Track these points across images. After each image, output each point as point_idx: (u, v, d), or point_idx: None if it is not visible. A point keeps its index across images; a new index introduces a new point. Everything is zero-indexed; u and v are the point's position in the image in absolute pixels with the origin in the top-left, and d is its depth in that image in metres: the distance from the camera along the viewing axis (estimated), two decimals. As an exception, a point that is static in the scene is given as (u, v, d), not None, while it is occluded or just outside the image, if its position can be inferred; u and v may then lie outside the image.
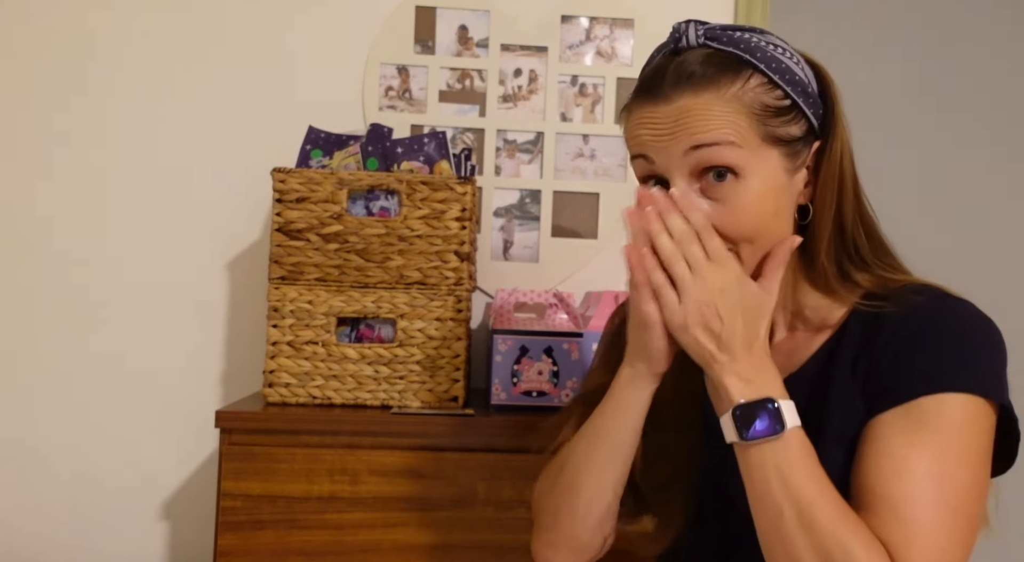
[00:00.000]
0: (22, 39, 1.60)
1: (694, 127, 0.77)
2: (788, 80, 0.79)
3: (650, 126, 0.79)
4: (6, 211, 1.60)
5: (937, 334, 0.76)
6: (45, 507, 1.59)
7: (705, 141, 0.77)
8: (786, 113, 0.79)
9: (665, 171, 0.80)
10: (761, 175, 0.78)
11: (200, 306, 1.61)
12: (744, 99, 0.78)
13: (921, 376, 0.75)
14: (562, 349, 1.32)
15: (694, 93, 0.77)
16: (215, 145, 1.62)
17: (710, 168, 0.78)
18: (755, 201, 0.78)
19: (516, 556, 1.22)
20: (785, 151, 0.79)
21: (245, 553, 1.19)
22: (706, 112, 0.77)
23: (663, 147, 0.79)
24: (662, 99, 0.79)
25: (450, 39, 1.64)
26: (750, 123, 0.77)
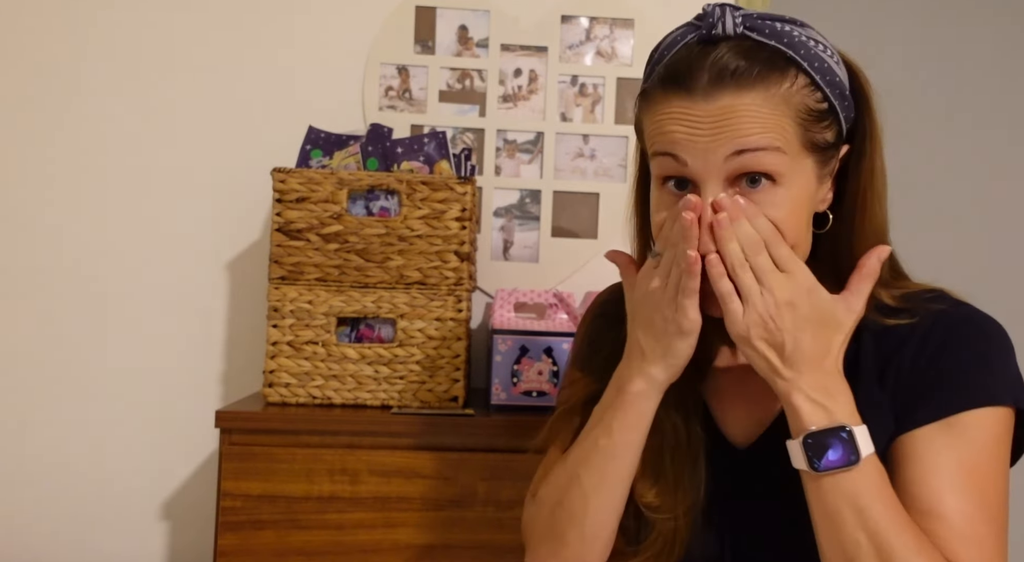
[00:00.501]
0: (22, 39, 1.60)
1: (739, 129, 0.70)
2: (829, 81, 0.73)
3: (686, 124, 0.71)
4: (5, 211, 1.60)
5: (966, 346, 0.75)
6: (45, 507, 1.59)
7: (751, 146, 0.70)
8: (825, 118, 0.74)
9: (699, 174, 0.72)
10: (798, 183, 0.73)
11: (200, 306, 1.61)
12: (792, 101, 0.71)
13: (958, 390, 0.73)
14: (562, 349, 1.32)
15: (738, 91, 0.70)
16: (215, 145, 1.62)
17: (747, 173, 0.72)
18: (792, 211, 0.72)
19: (516, 556, 1.22)
20: (819, 158, 0.75)
21: (245, 553, 1.19)
22: (753, 113, 0.70)
23: (701, 148, 0.71)
24: (699, 94, 0.71)
25: (450, 39, 1.64)
26: (795, 128, 0.72)
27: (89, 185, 1.60)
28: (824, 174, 0.76)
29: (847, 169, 0.79)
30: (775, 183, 0.72)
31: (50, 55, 1.61)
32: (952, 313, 0.77)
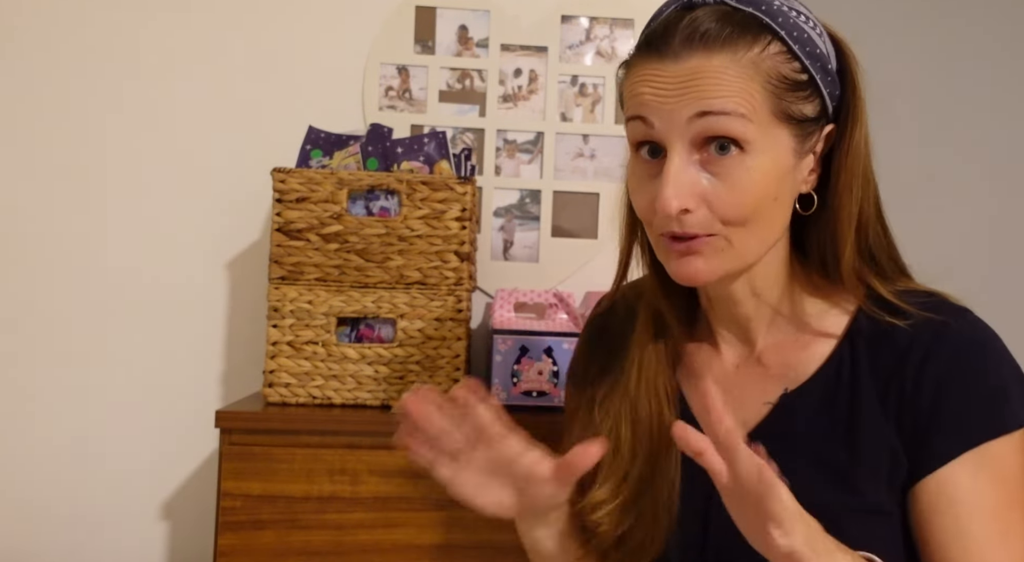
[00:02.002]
0: (21, 39, 1.60)
1: (704, 91, 0.68)
2: (809, 52, 0.71)
3: (653, 84, 0.70)
4: (5, 211, 1.60)
5: (976, 367, 0.71)
6: (45, 506, 1.59)
7: (714, 109, 0.68)
8: (802, 89, 0.72)
9: (664, 137, 0.71)
10: (768, 154, 0.70)
11: (200, 306, 1.61)
12: (761, 66, 0.69)
13: (979, 417, 0.70)
14: (562, 349, 1.32)
15: (707, 53, 0.69)
16: (215, 145, 1.62)
17: (714, 139, 0.70)
18: (758, 181, 0.70)
19: (516, 556, 1.22)
20: (796, 131, 0.72)
21: (245, 553, 1.19)
22: (719, 76, 0.68)
23: (667, 110, 0.70)
24: (670, 56, 0.70)
25: (450, 39, 1.64)
26: (764, 95, 0.69)
27: (89, 185, 1.60)
28: (804, 150, 0.73)
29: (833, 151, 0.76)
30: (743, 151, 0.70)
31: (50, 55, 1.61)
32: (954, 327, 0.73)
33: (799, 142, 0.73)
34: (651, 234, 0.77)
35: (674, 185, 0.69)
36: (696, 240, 0.72)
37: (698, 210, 0.71)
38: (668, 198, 0.69)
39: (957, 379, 0.71)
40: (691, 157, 0.71)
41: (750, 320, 0.81)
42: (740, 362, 0.82)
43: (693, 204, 0.70)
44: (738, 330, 0.82)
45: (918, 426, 0.71)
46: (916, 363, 0.72)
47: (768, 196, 0.71)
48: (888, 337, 0.74)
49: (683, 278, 0.74)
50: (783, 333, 0.80)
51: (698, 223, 0.71)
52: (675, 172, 0.70)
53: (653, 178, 0.72)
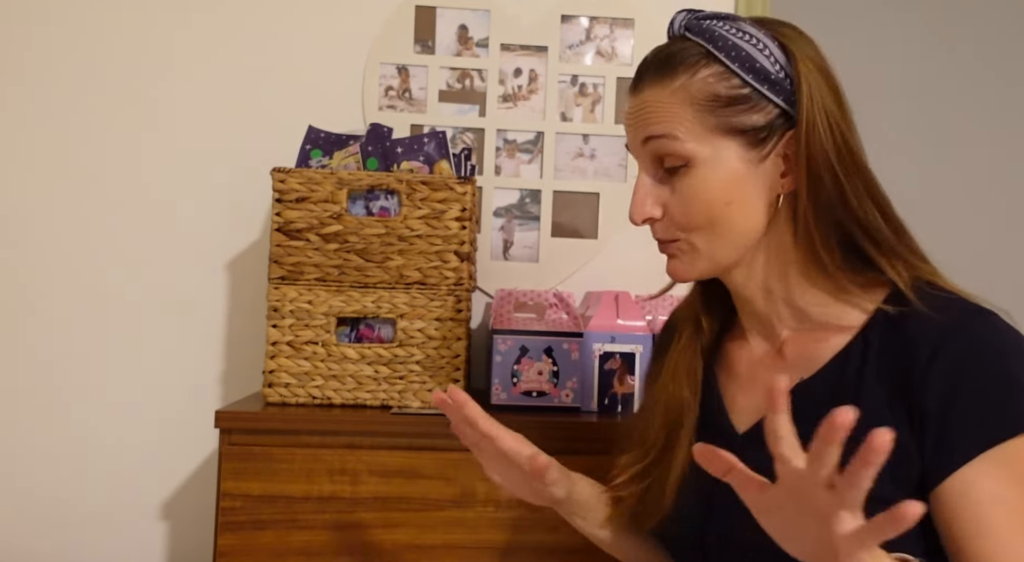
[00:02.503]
0: (21, 39, 1.60)
1: (645, 120, 0.81)
2: (748, 68, 0.78)
3: (627, 115, 0.84)
4: (5, 210, 1.60)
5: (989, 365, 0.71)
6: (45, 507, 1.59)
7: (652, 133, 0.80)
8: (742, 102, 0.78)
9: (635, 159, 0.84)
10: (712, 166, 0.79)
11: (200, 306, 1.61)
12: (690, 90, 0.78)
13: (995, 416, 0.70)
14: (562, 349, 1.32)
15: (649, 87, 0.81)
16: (215, 145, 1.62)
17: (661, 159, 0.81)
18: (703, 190, 0.79)
19: (516, 556, 1.22)
20: (744, 140, 0.79)
21: (245, 553, 1.19)
22: (656, 104, 0.80)
23: (631, 137, 0.84)
24: (633, 92, 0.83)
25: (450, 39, 1.64)
26: (695, 114, 0.78)
27: (89, 185, 1.60)
28: (761, 156, 0.79)
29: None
30: (688, 166, 0.79)
31: (50, 55, 1.61)
32: (965, 325, 0.73)
33: (750, 150, 0.79)
34: None
35: (638, 199, 0.83)
36: (669, 244, 0.84)
37: (662, 219, 0.83)
38: (632, 212, 0.83)
39: (968, 378, 0.71)
40: (656, 174, 0.82)
41: (768, 315, 0.86)
42: (764, 354, 0.87)
43: (656, 213, 0.83)
44: (761, 325, 0.88)
45: (931, 426, 0.71)
46: (923, 361, 0.72)
47: (718, 202, 0.79)
48: (899, 333, 0.75)
49: (670, 276, 0.87)
50: (804, 326, 0.83)
51: (662, 230, 0.84)
52: (640, 187, 0.83)
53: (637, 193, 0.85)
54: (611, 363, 1.33)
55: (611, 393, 1.33)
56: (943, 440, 0.70)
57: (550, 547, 1.22)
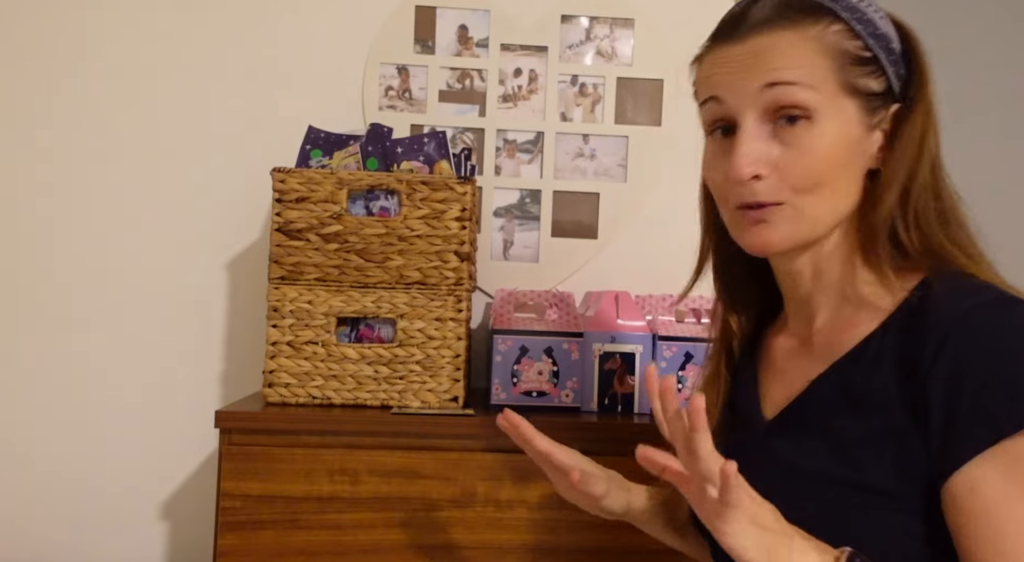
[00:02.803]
0: (21, 39, 1.60)
1: (771, 63, 0.74)
2: (871, 32, 0.76)
3: (724, 65, 0.77)
4: (6, 210, 1.60)
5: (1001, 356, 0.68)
6: (45, 507, 1.59)
7: (781, 79, 0.74)
8: (867, 64, 0.76)
9: (736, 111, 0.76)
10: (835, 122, 0.75)
11: (200, 306, 1.61)
12: (825, 40, 0.75)
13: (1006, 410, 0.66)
14: (562, 349, 1.32)
15: (772, 32, 0.75)
16: (215, 145, 1.62)
17: (782, 110, 0.75)
18: (827, 147, 0.74)
19: (516, 556, 1.22)
20: (862, 104, 0.76)
21: (245, 553, 1.19)
22: (786, 50, 0.74)
23: (737, 85, 0.76)
24: (737, 39, 0.77)
25: (450, 39, 1.64)
26: (829, 67, 0.74)
27: (89, 185, 1.60)
28: (872, 124, 0.77)
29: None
30: (810, 120, 0.74)
31: (50, 56, 1.60)
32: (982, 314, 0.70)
33: (866, 115, 0.76)
34: (725, 213, 0.81)
35: (745, 153, 0.75)
36: (765, 209, 0.76)
37: (769, 177, 0.75)
38: (740, 165, 0.75)
39: (972, 369, 0.68)
40: (762, 128, 0.76)
41: (811, 300, 0.83)
42: (799, 343, 0.86)
43: (764, 170, 0.75)
44: (801, 311, 0.85)
45: (936, 419, 0.69)
46: (932, 350, 0.69)
47: (837, 163, 0.75)
48: (918, 321, 0.73)
49: (755, 248, 0.78)
50: (840, 313, 0.81)
51: (768, 191, 0.75)
52: (746, 140, 0.75)
53: (727, 154, 0.77)
54: (611, 363, 1.33)
55: (611, 393, 1.33)
56: (947, 434, 0.68)
57: (550, 547, 1.22)
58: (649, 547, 1.09)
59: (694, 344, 1.33)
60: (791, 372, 0.85)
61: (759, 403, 0.87)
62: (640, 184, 1.65)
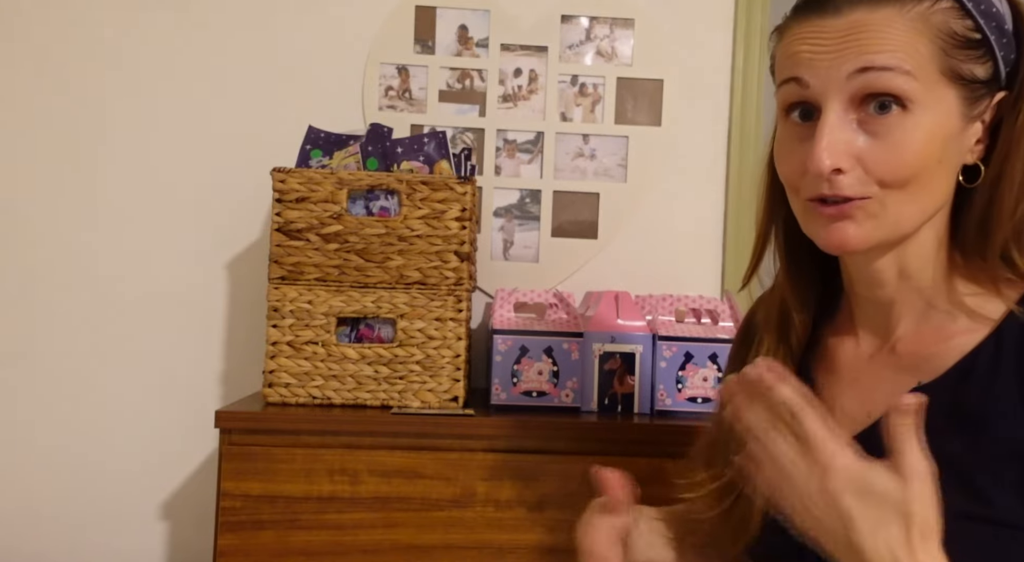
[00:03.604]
0: (21, 39, 1.60)
1: (867, 45, 0.65)
2: (983, 11, 0.67)
3: (812, 42, 0.68)
4: (6, 210, 1.60)
5: None
6: (45, 507, 1.59)
7: (876, 63, 0.65)
8: (975, 48, 0.67)
9: (820, 95, 0.68)
10: (932, 114, 0.66)
11: (200, 306, 1.61)
12: (931, 21, 0.66)
13: None
14: (562, 349, 1.32)
15: (871, 6, 0.66)
16: (215, 145, 1.62)
17: (874, 96, 0.66)
18: (920, 141, 0.66)
19: (516, 556, 1.22)
20: (964, 93, 0.68)
21: (245, 553, 1.19)
22: (884, 29, 0.65)
23: (825, 66, 0.67)
24: (830, 11, 0.67)
25: (450, 39, 1.64)
26: (932, 51, 0.66)
27: (89, 185, 1.60)
28: (972, 115, 0.69)
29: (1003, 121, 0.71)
30: (905, 109, 0.66)
31: (50, 55, 1.61)
32: None
33: (967, 105, 0.68)
34: (797, 203, 0.73)
35: (828, 142, 0.66)
36: (848, 203, 0.68)
37: (852, 171, 0.67)
38: (821, 155, 0.66)
39: None
40: (848, 116, 0.67)
41: (893, 305, 0.75)
42: (875, 351, 0.77)
43: (847, 164, 0.67)
44: (878, 316, 0.77)
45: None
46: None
47: (931, 159, 0.67)
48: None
49: (833, 245, 0.70)
50: (927, 322, 0.73)
51: (851, 185, 0.67)
52: (830, 129, 0.67)
53: (804, 141, 0.69)
54: (611, 363, 1.33)
55: (611, 393, 1.33)
56: None
57: (550, 547, 1.22)
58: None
59: (694, 344, 1.33)
60: (868, 382, 0.75)
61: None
62: (640, 184, 1.65)
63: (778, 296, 0.82)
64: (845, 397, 0.76)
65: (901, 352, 0.74)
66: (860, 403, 0.75)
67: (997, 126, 0.70)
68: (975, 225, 0.71)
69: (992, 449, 0.64)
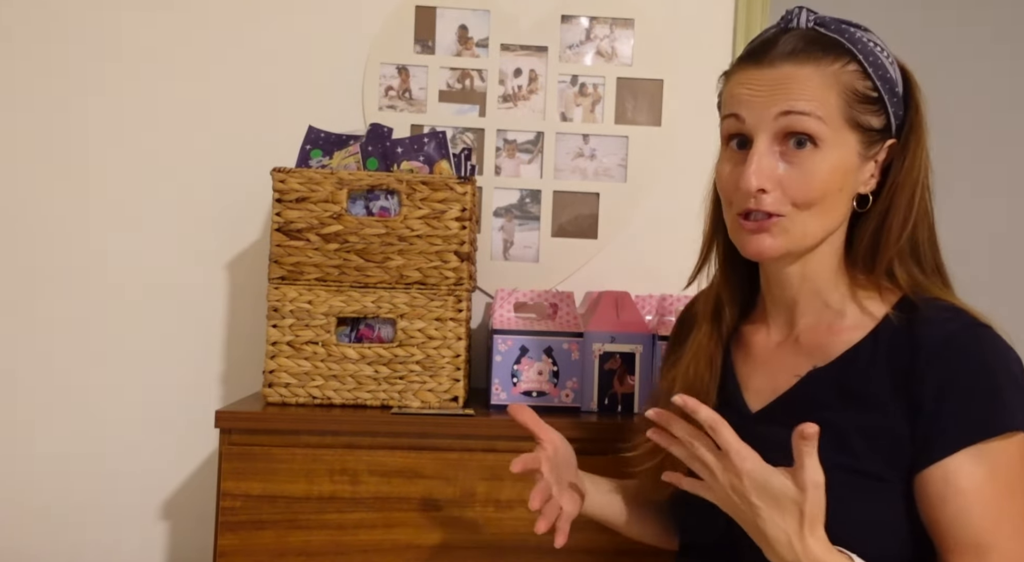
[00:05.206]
0: (21, 38, 1.60)
1: (791, 93, 0.83)
2: (880, 75, 0.86)
3: (749, 86, 0.86)
4: (6, 211, 1.60)
5: (978, 372, 0.80)
6: (45, 506, 1.59)
7: (797, 109, 0.83)
8: (872, 103, 0.86)
9: (752, 129, 0.85)
10: (837, 152, 0.84)
11: (200, 306, 1.61)
12: (841, 79, 0.84)
13: (983, 417, 0.79)
14: (562, 349, 1.32)
15: (798, 64, 0.84)
16: (215, 145, 1.62)
17: (793, 134, 0.84)
18: (826, 172, 0.84)
19: (516, 556, 1.22)
20: (862, 138, 0.86)
21: (245, 553, 1.19)
22: (805, 82, 0.83)
23: (758, 107, 0.85)
24: (766, 64, 0.85)
25: (450, 39, 1.64)
26: (839, 103, 0.84)
27: (89, 185, 1.60)
28: (868, 155, 0.87)
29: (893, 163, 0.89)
30: (816, 147, 0.83)
31: (50, 54, 1.61)
32: (963, 336, 0.82)
33: (864, 147, 0.86)
34: (728, 216, 0.90)
35: (756, 168, 0.84)
36: (768, 220, 0.85)
37: (773, 192, 0.84)
38: (750, 177, 0.83)
39: (960, 381, 0.80)
40: (773, 148, 0.85)
41: (796, 303, 0.92)
42: (782, 340, 0.95)
43: (770, 186, 0.84)
44: (785, 312, 0.94)
45: (923, 419, 0.80)
46: (924, 362, 0.81)
47: (833, 187, 0.85)
48: (907, 337, 0.84)
49: (752, 253, 0.87)
50: (821, 318, 0.91)
51: (771, 203, 0.84)
52: (758, 158, 0.84)
53: (738, 165, 0.86)
54: (611, 363, 1.33)
55: (611, 393, 1.33)
56: (932, 432, 0.80)
57: (550, 547, 1.21)
58: (649, 548, 1.10)
59: (694, 344, 1.33)
60: (776, 366, 0.93)
61: (741, 392, 0.94)
62: (640, 184, 1.65)
63: (715, 292, 0.99)
64: (756, 377, 0.94)
65: (802, 342, 0.91)
66: (768, 381, 0.92)
67: (888, 166, 0.89)
68: (867, 244, 0.89)
69: (868, 422, 0.82)
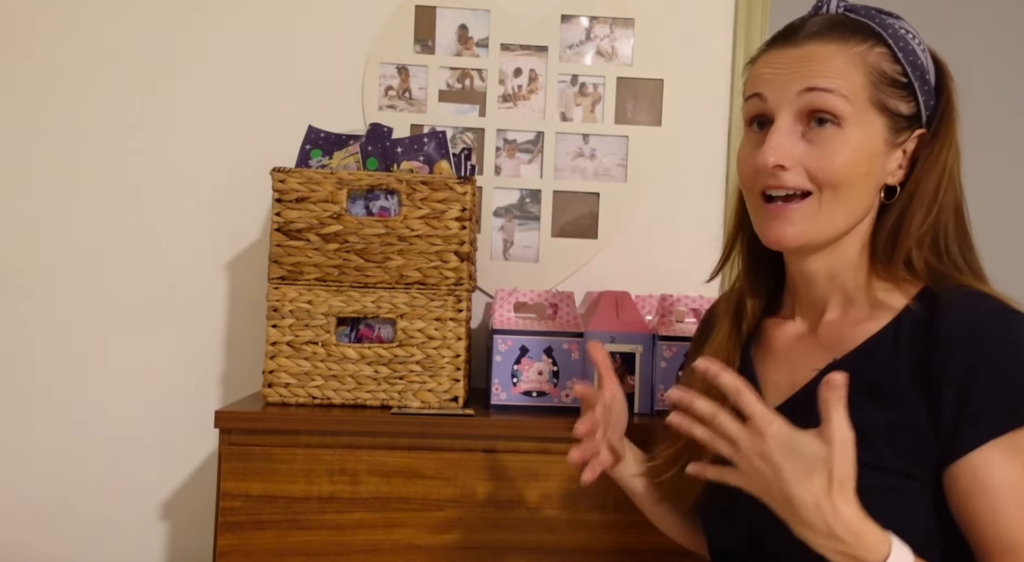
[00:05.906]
0: (21, 38, 1.60)
1: (814, 70, 0.82)
2: (911, 62, 0.84)
3: (773, 65, 0.85)
4: (5, 211, 1.60)
5: (1006, 361, 0.76)
6: (45, 507, 1.59)
7: (819, 85, 0.81)
8: (901, 88, 0.84)
9: (774, 108, 0.84)
10: (861, 133, 0.82)
11: (200, 306, 1.61)
12: (866, 59, 0.83)
13: (1009, 408, 0.75)
14: (562, 349, 1.32)
15: (822, 42, 0.83)
16: (215, 145, 1.62)
17: (815, 112, 0.82)
18: (849, 152, 0.81)
19: (516, 556, 1.22)
20: (889, 123, 0.84)
21: (245, 553, 1.19)
22: (829, 60, 0.82)
23: (780, 84, 0.83)
24: (792, 43, 0.84)
25: (450, 39, 1.64)
26: (864, 82, 0.82)
27: (89, 185, 1.60)
28: (895, 143, 0.85)
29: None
30: (839, 126, 0.81)
31: (50, 55, 1.61)
32: (989, 325, 0.78)
33: (891, 133, 0.84)
34: (751, 202, 0.88)
35: (775, 143, 0.82)
36: (789, 204, 0.83)
37: (793, 169, 0.82)
38: (767, 152, 0.82)
39: (986, 370, 0.76)
40: (794, 127, 0.83)
41: (822, 298, 0.90)
42: (803, 335, 0.93)
43: (789, 163, 0.82)
44: (810, 307, 0.92)
45: (948, 410, 0.76)
46: (947, 350, 0.78)
47: (858, 169, 0.82)
48: (929, 327, 0.80)
49: (772, 240, 0.85)
50: (848, 312, 0.89)
51: (792, 179, 0.83)
52: (778, 133, 0.83)
53: (759, 146, 0.84)
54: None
55: (611, 393, 1.33)
56: (959, 424, 0.76)
57: (550, 547, 1.22)
58: (649, 547, 1.10)
59: (694, 344, 1.33)
60: (795, 361, 0.90)
61: (759, 388, 0.92)
62: (640, 184, 1.65)
63: (737, 289, 0.99)
64: (776, 373, 0.92)
65: (821, 336, 0.90)
66: (787, 376, 0.90)
67: (917, 158, 0.86)
68: (887, 234, 0.86)
69: (889, 416, 0.79)
